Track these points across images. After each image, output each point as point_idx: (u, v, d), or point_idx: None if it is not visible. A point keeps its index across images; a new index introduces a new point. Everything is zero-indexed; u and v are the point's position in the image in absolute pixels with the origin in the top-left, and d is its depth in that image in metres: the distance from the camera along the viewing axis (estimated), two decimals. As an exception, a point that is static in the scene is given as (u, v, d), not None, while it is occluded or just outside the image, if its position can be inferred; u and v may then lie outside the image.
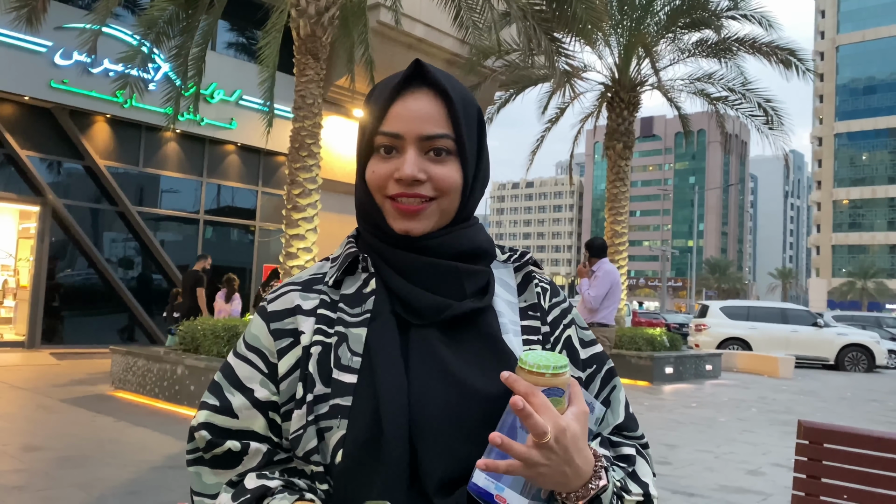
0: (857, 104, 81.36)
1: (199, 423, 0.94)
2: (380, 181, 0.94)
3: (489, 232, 7.91)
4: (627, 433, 1.01)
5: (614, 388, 1.04)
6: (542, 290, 1.04)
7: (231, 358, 0.98)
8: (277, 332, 0.96)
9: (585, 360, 1.03)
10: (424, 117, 0.92)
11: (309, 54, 8.72)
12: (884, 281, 72.65)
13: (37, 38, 11.46)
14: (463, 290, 0.95)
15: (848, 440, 2.67)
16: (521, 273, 1.05)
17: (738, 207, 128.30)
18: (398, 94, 0.94)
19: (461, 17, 10.18)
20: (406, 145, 0.93)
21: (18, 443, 5.93)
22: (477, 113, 0.99)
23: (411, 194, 0.92)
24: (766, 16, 14.21)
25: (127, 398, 8.39)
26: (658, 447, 7.16)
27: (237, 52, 15.29)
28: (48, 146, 12.52)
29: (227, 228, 15.36)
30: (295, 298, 0.98)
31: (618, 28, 14.79)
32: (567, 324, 1.04)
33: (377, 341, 0.90)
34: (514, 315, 0.99)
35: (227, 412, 0.94)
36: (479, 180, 1.00)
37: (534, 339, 0.98)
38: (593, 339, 1.07)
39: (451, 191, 0.94)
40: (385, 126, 0.93)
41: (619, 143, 15.25)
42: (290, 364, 0.93)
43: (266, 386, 0.94)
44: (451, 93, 0.94)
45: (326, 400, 0.89)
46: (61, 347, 12.49)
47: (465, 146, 0.94)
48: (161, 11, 10.29)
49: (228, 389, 0.95)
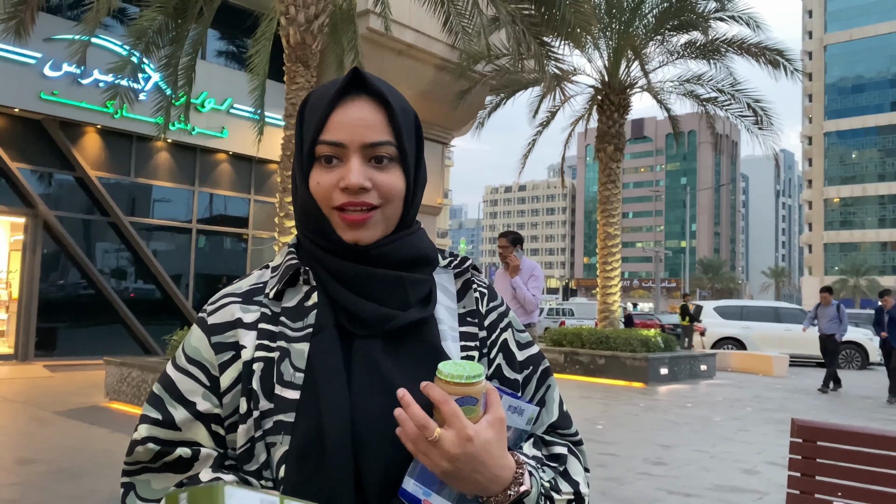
0: (845, 103, 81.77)
1: (143, 437, 0.92)
2: (325, 192, 0.93)
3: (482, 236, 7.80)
4: (562, 431, 1.03)
5: (549, 388, 1.05)
6: (480, 295, 1.05)
7: (171, 370, 0.96)
8: (218, 345, 0.94)
9: (522, 361, 1.04)
10: (366, 125, 0.92)
11: (299, 62, 8.72)
12: (876, 278, 72.95)
13: (26, 49, 11.43)
14: (407, 299, 0.95)
15: (841, 437, 2.68)
16: (461, 279, 1.05)
17: (729, 207, 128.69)
18: (338, 102, 0.94)
19: (450, 22, 10.20)
20: (349, 154, 0.92)
21: (12, 456, 5.91)
22: (415, 121, 1.00)
23: (358, 203, 0.92)
24: (754, 17, 14.31)
25: (121, 409, 8.36)
26: (654, 447, 7.18)
27: (227, 60, 15.28)
28: (39, 158, 12.48)
29: (219, 237, 15.32)
30: (235, 311, 0.96)
31: (607, 31, 14.86)
32: (504, 327, 1.05)
33: (319, 357, 0.90)
34: (453, 321, 1.00)
35: (170, 426, 0.92)
36: (419, 186, 1.01)
37: (471, 344, 0.99)
38: (530, 340, 1.08)
39: (395, 197, 0.95)
40: (326, 135, 0.93)
41: (609, 145, 15.31)
42: (232, 378, 0.93)
43: (208, 399, 0.93)
44: (391, 100, 0.94)
45: (270, 416, 0.88)
46: (54, 359, 12.43)
47: (407, 153, 0.95)
48: (150, 21, 10.28)
49: (171, 403, 0.93)
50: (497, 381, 1.00)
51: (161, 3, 10.12)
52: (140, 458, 0.92)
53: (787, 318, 18.58)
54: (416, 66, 15.09)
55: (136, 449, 0.92)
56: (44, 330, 12.57)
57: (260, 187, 15.55)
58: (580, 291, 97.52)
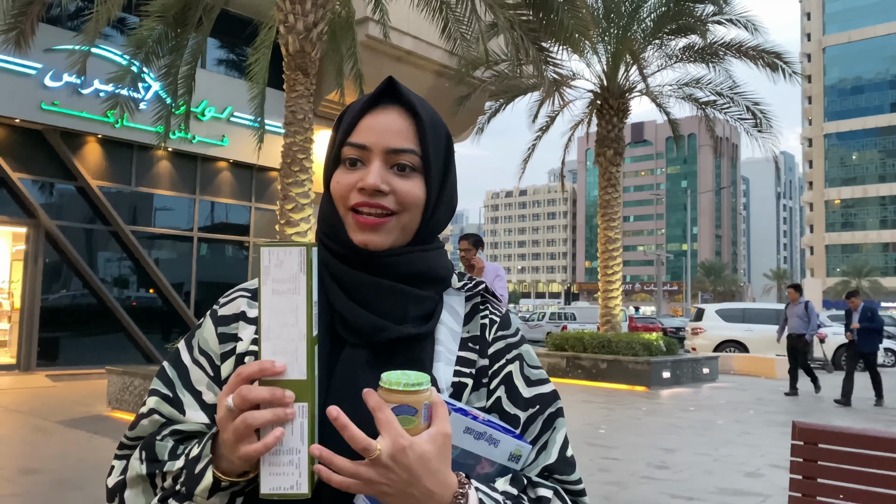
0: (845, 104, 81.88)
1: (150, 409, 0.95)
2: (343, 191, 0.94)
3: (484, 241, 7.74)
4: (559, 476, 0.96)
5: (554, 430, 0.99)
6: (489, 322, 1.01)
7: (186, 357, 0.98)
8: (223, 335, 0.97)
9: (528, 399, 0.98)
10: (392, 131, 0.94)
11: (298, 70, 8.75)
12: (878, 279, 72.95)
13: (26, 60, 11.47)
14: (405, 313, 0.93)
15: (842, 440, 2.69)
16: (470, 303, 1.03)
17: (730, 210, 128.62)
18: (369, 108, 0.96)
19: (449, 28, 10.23)
20: (372, 157, 0.93)
21: (15, 466, 5.91)
22: (446, 137, 1.00)
23: (373, 204, 0.92)
24: (752, 20, 14.33)
25: (124, 418, 8.35)
26: (656, 451, 7.17)
27: (227, 69, 15.32)
28: (40, 168, 12.51)
29: (221, 245, 15.34)
30: (242, 305, 0.99)
31: (605, 36, 14.90)
32: (511, 358, 1.00)
33: None
34: (453, 344, 0.97)
35: (178, 406, 0.94)
36: (443, 203, 0.99)
37: (466, 371, 0.95)
38: (543, 378, 1.02)
39: (412, 206, 0.94)
40: (353, 137, 0.94)
41: (609, 149, 15.32)
42: (230, 369, 0.94)
43: (212, 389, 0.95)
44: (421, 111, 0.95)
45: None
46: (57, 369, 12.44)
47: (431, 164, 0.95)
48: (150, 31, 10.33)
49: (180, 389, 0.95)
50: (496, 415, 0.95)
51: (160, 12, 10.16)
52: (144, 432, 0.94)
53: (789, 320, 18.53)
54: (416, 73, 15.13)
55: (142, 422, 0.95)
56: (46, 339, 12.58)
57: (261, 195, 15.58)
58: (582, 295, 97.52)
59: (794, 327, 12.29)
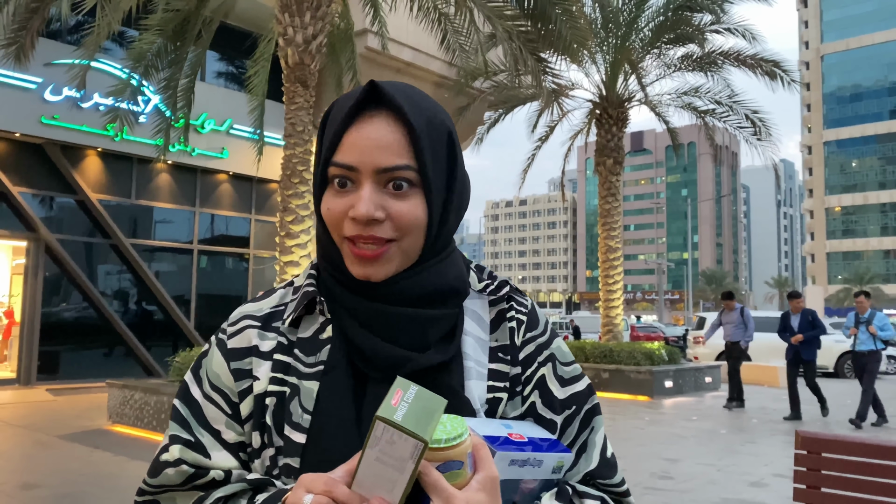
0: (844, 112, 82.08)
1: (176, 458, 0.88)
2: (335, 219, 0.85)
3: (484, 251, 7.74)
4: (602, 481, 0.93)
5: (592, 430, 0.96)
6: (516, 325, 0.95)
7: (197, 394, 0.93)
8: (238, 372, 0.91)
9: (563, 400, 0.95)
10: (381, 146, 0.83)
11: (298, 82, 8.77)
12: (880, 286, 72.86)
13: (26, 74, 11.51)
14: (426, 339, 0.87)
15: (846, 449, 2.67)
16: (496, 308, 0.95)
17: (731, 218, 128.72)
18: (353, 118, 0.85)
19: (448, 40, 10.27)
20: (361, 178, 0.83)
21: (16, 481, 5.88)
22: (447, 135, 0.88)
23: (368, 237, 0.83)
24: (749, 29, 14.38)
25: (125, 432, 8.33)
26: (660, 461, 7.13)
27: (227, 81, 15.37)
28: (40, 182, 12.53)
29: (221, 257, 15.34)
30: (253, 337, 0.92)
31: (603, 45, 14.94)
32: (542, 361, 0.95)
33: (328, 399, 0.85)
34: (482, 356, 0.91)
35: (201, 450, 0.89)
36: (452, 210, 0.90)
37: (500, 385, 0.90)
38: (576, 374, 0.98)
39: (413, 229, 0.85)
40: (338, 156, 0.84)
41: (609, 158, 15.34)
42: (249, 407, 0.89)
43: (232, 427, 0.90)
44: (412, 117, 0.83)
45: (280, 455, 0.85)
46: (57, 383, 12.41)
47: (430, 178, 0.85)
48: (149, 44, 10.37)
49: (197, 429, 0.90)
50: (531, 419, 0.91)
51: (160, 26, 10.20)
52: (169, 482, 0.89)
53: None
54: (415, 84, 15.09)
55: (167, 471, 0.88)
56: (46, 353, 12.56)
57: (261, 207, 15.59)
58: (583, 305, 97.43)
59: (730, 335, 11.81)
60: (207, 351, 0.96)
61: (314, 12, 8.76)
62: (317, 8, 8.80)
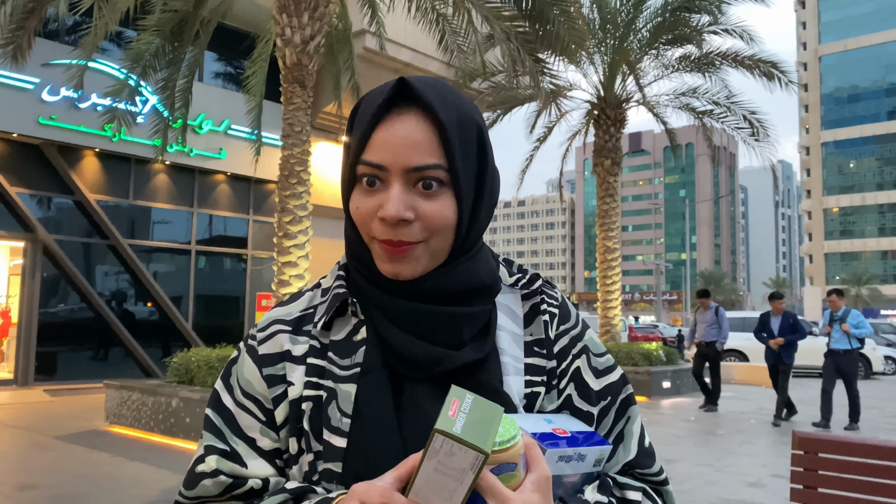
0: (842, 112, 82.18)
1: (213, 468, 0.87)
2: (364, 218, 0.85)
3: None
4: (641, 471, 0.93)
5: (628, 420, 0.96)
6: (549, 318, 0.95)
7: (228, 400, 0.92)
8: (270, 378, 0.90)
9: (599, 391, 0.95)
10: (412, 145, 0.81)
11: (296, 82, 8.77)
12: (878, 287, 72.99)
13: (24, 75, 11.51)
14: (461, 336, 0.86)
15: (843, 449, 2.67)
16: (528, 302, 0.95)
17: (729, 219, 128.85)
18: (383, 115, 0.83)
19: (446, 40, 10.26)
20: (391, 178, 0.82)
21: (13, 482, 5.87)
22: (477, 131, 0.87)
23: (397, 241, 0.83)
24: (747, 30, 14.39)
25: (122, 433, 8.32)
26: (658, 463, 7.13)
27: (225, 82, 15.36)
28: (37, 182, 12.52)
29: (219, 258, 15.33)
30: (284, 342, 0.91)
31: (601, 46, 14.95)
32: (577, 353, 0.95)
33: (367, 402, 0.84)
34: (517, 350, 0.91)
35: (237, 459, 0.88)
36: (482, 208, 0.89)
37: (537, 379, 0.90)
38: (609, 365, 0.98)
39: (442, 230, 0.84)
40: (368, 155, 0.83)
41: (607, 159, 15.34)
42: (285, 413, 0.88)
43: (266, 434, 0.89)
44: (442, 114, 0.82)
45: (320, 460, 0.84)
46: (55, 384, 12.39)
47: (461, 177, 0.84)
48: (147, 45, 10.35)
49: (232, 438, 0.89)
50: (567, 412, 0.91)
51: (158, 26, 10.19)
52: (206, 493, 0.87)
53: (789, 328, 18.51)
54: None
55: (203, 482, 0.87)
56: (43, 354, 12.54)
57: (258, 207, 15.58)
58: (582, 305, 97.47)
59: (705, 335, 11.40)
60: (237, 358, 0.95)
61: (312, 13, 8.76)
62: (314, 9, 8.80)
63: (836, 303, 9.89)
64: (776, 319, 10.22)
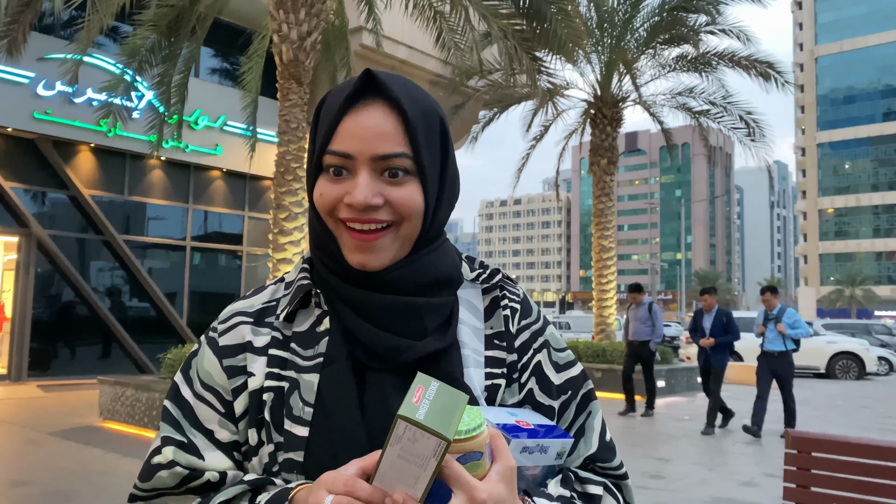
0: (837, 114, 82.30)
1: (170, 460, 0.87)
2: (329, 204, 0.85)
3: (478, 250, 7.76)
4: (602, 464, 0.94)
5: (589, 415, 0.96)
6: (510, 312, 0.96)
7: (186, 392, 0.91)
8: (231, 369, 0.90)
9: (559, 385, 0.95)
10: (378, 134, 0.83)
11: (292, 79, 8.75)
12: (872, 288, 73.13)
13: (19, 69, 11.46)
14: (424, 327, 0.87)
15: (836, 448, 2.67)
16: (489, 296, 0.96)
17: (724, 219, 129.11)
18: (349, 107, 0.85)
19: (443, 38, 10.25)
20: (358, 166, 0.83)
21: (5, 478, 5.85)
22: (440, 124, 0.89)
23: (366, 220, 0.83)
24: (744, 30, 14.41)
25: (116, 429, 8.30)
26: (651, 461, 7.14)
27: (221, 78, 15.32)
28: (32, 177, 12.47)
29: (214, 254, 15.30)
30: (246, 333, 0.91)
31: (598, 45, 14.96)
32: (538, 348, 0.96)
33: (330, 391, 0.84)
34: (478, 344, 0.92)
35: (194, 452, 0.87)
36: (444, 199, 0.91)
37: (497, 371, 0.91)
38: (570, 360, 0.99)
39: (412, 215, 0.85)
40: (334, 144, 0.84)
41: (603, 158, 15.35)
42: (244, 404, 0.88)
43: (225, 426, 0.89)
44: (407, 105, 0.84)
45: (281, 451, 0.84)
46: (48, 379, 12.36)
47: (426, 166, 0.85)
48: (143, 40, 10.31)
49: (190, 430, 0.89)
50: (530, 407, 0.92)
51: (154, 21, 10.15)
52: (162, 485, 0.87)
53: (783, 328, 18.55)
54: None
55: (160, 474, 0.86)
56: (37, 350, 12.51)
57: (254, 204, 15.55)
58: (577, 304, 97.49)
59: (637, 333, 10.55)
60: (197, 351, 0.95)
61: (309, 9, 8.74)
62: (311, 5, 8.78)
63: (770, 301, 9.12)
64: (709, 317, 9.46)
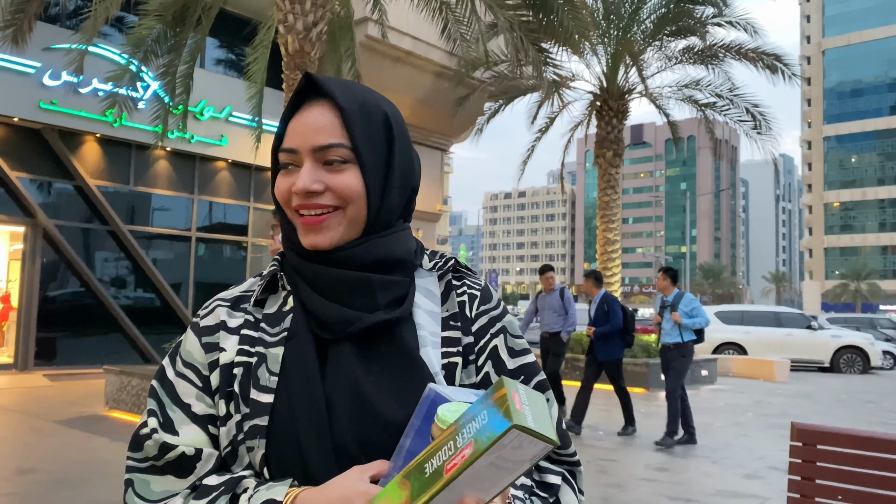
0: (844, 107, 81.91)
1: (152, 428, 0.92)
2: (283, 195, 0.96)
3: (482, 243, 7.77)
4: (558, 451, 0.99)
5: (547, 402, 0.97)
6: (468, 298, 1.02)
7: (171, 375, 0.97)
8: (208, 345, 0.97)
9: (513, 370, 1.00)
10: (317, 129, 0.93)
11: (297, 69, 8.73)
12: (877, 282, 72.93)
13: (25, 59, 11.46)
14: (375, 301, 0.94)
15: (840, 441, 2.67)
16: (443, 281, 1.03)
17: (730, 212, 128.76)
18: (295, 109, 0.96)
19: (449, 29, 10.22)
20: (302, 159, 0.94)
21: (12, 466, 5.89)
22: (383, 117, 0.97)
23: (310, 205, 0.93)
24: (751, 22, 14.33)
25: (122, 418, 8.34)
26: (655, 454, 7.15)
27: (226, 68, 15.31)
28: (38, 167, 12.49)
29: (218, 245, 15.32)
30: (222, 314, 0.99)
31: (605, 37, 14.90)
32: (495, 333, 1.01)
33: (293, 360, 0.92)
34: (435, 326, 0.98)
35: (171, 427, 0.93)
36: (394, 186, 0.98)
37: (453, 350, 0.97)
38: (525, 348, 1.03)
39: (353, 198, 0.93)
40: (284, 143, 0.95)
41: (608, 150, 15.32)
42: (218, 379, 0.95)
43: (202, 399, 0.95)
44: (342, 100, 0.93)
45: (248, 419, 0.90)
46: (54, 368, 12.41)
47: (362, 152, 0.93)
48: (149, 30, 10.31)
49: (170, 406, 0.94)
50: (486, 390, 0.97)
51: (159, 11, 10.15)
52: (149, 454, 0.92)
53: (788, 322, 18.55)
54: (415, 74, 15.11)
55: (147, 443, 0.92)
56: (43, 339, 12.56)
57: (259, 195, 15.56)
58: (581, 297, 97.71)
59: (548, 323, 8.95)
60: (185, 336, 1.02)
61: (314, 0, 8.72)
62: (317, -5, 8.75)
63: (664, 285, 7.89)
64: (593, 305, 8.32)
